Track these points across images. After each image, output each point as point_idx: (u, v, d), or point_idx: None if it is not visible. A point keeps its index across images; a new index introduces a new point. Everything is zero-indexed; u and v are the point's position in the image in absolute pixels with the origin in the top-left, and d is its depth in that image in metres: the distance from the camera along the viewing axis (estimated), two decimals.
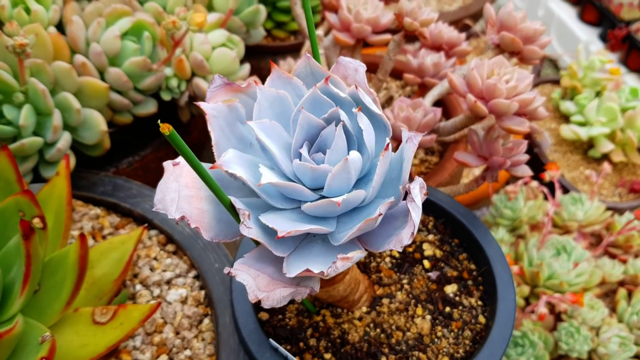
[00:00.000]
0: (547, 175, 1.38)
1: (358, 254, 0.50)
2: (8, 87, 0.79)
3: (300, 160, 0.52)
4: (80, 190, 0.92)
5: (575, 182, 1.62)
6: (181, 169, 0.56)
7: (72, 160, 0.88)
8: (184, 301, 0.81)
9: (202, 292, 0.83)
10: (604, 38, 2.05)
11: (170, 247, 0.88)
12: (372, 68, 1.27)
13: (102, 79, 0.92)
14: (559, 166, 1.67)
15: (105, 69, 0.91)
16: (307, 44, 1.09)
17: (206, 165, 0.56)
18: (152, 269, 0.84)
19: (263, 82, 0.58)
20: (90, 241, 0.86)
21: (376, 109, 0.53)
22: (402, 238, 0.50)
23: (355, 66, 0.58)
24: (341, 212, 0.54)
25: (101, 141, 0.90)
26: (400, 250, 0.50)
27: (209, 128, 0.55)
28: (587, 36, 2.07)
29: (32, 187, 0.86)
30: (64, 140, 0.84)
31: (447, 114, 1.16)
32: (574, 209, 1.40)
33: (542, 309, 1.17)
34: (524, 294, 1.29)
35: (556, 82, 1.90)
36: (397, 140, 0.85)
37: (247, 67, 1.07)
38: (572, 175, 1.65)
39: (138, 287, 0.82)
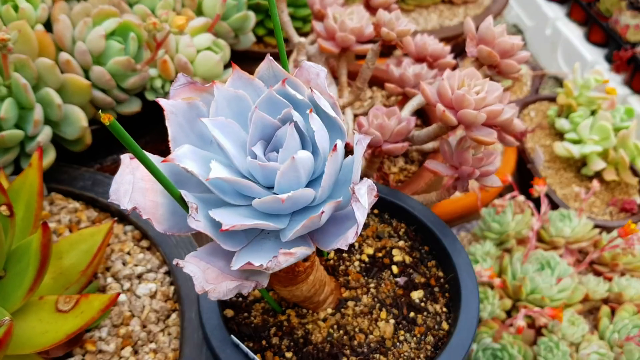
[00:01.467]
0: (535, 191, 1.39)
1: (303, 251, 0.51)
2: None
3: (252, 158, 0.54)
4: (60, 184, 0.94)
5: (567, 199, 1.62)
6: (138, 162, 0.57)
7: (52, 155, 0.90)
8: (153, 296, 0.83)
9: (172, 288, 0.84)
10: (609, 59, 2.05)
11: (144, 243, 0.90)
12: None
13: (87, 77, 0.95)
14: (552, 182, 1.67)
15: (89, 67, 0.94)
16: (295, 52, 1.11)
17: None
18: (124, 263, 0.86)
19: None
20: (67, 234, 0.88)
21: (331, 112, 0.54)
22: (348, 237, 0.52)
23: (317, 71, 0.59)
24: (291, 210, 0.55)
25: (82, 137, 0.92)
26: (346, 248, 0.52)
27: (167, 124, 0.56)
28: (593, 56, 2.08)
29: (12, 179, 0.88)
30: (44, 134, 0.86)
31: (426, 124, 1.17)
32: (562, 225, 1.40)
33: (521, 322, 1.17)
34: (506, 307, 1.29)
35: (553, 100, 1.91)
36: (371, 147, 0.87)
37: (230, 71, 1.08)
38: (564, 192, 1.65)
39: (109, 279, 0.83)
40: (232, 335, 0.73)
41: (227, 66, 1.11)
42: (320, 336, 0.76)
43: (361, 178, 0.54)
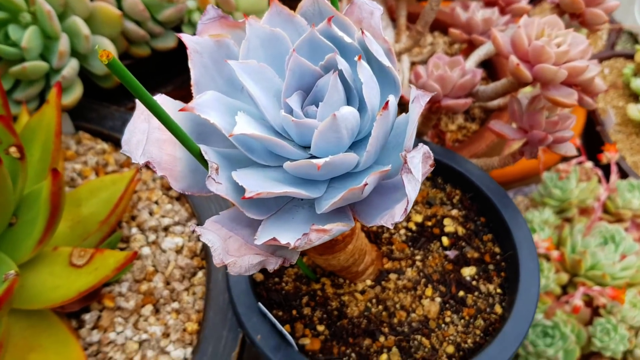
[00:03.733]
0: (605, 157, 1.26)
1: (339, 227, 0.43)
2: (14, 5, 0.74)
3: (286, 112, 0.45)
4: (89, 122, 0.88)
5: (637, 167, 1.48)
6: None
7: (79, 90, 0.83)
8: (179, 251, 0.76)
9: (200, 244, 0.78)
10: None
11: (173, 193, 0.83)
12: None
13: (119, 6, 0.86)
14: (622, 148, 1.53)
15: None
16: None
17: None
18: (151, 213, 0.80)
19: None
20: (93, 177, 0.83)
21: (385, 60, 0.45)
22: (395, 214, 0.43)
23: (371, 9, 0.49)
24: (329, 177, 0.47)
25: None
26: (392, 227, 0.43)
27: (189, 65, 0.48)
28: None
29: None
30: (70, 67, 0.79)
31: (493, 78, 1.05)
32: (630, 196, 1.28)
33: (578, 301, 1.08)
34: (562, 281, 1.19)
35: (630, 57, 1.73)
36: (428, 101, 0.76)
37: None
38: (635, 159, 1.51)
39: (134, 230, 0.77)
40: (259, 303, 0.66)
41: None
42: (357, 310, 0.69)
43: (415, 137, 0.44)
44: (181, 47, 0.99)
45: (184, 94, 1.05)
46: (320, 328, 0.67)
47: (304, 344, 0.66)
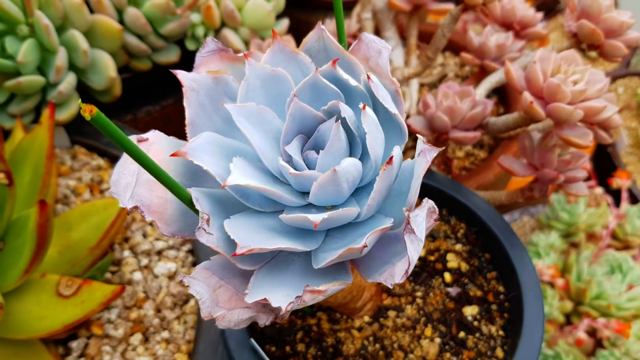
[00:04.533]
0: (615, 183, 1.23)
1: (335, 287, 0.41)
2: (11, 17, 0.72)
3: (283, 159, 0.43)
4: (85, 137, 0.85)
5: None
6: (148, 146, 0.47)
7: (76, 106, 0.81)
8: (171, 277, 0.74)
9: (193, 270, 0.75)
10: None
11: None
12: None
13: (121, 20, 0.84)
14: (633, 171, 1.50)
15: (124, 8, 0.83)
16: (359, 5, 0.97)
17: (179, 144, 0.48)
18: (144, 235, 0.77)
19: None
20: (87, 194, 0.80)
21: (392, 107, 0.42)
22: (395, 273, 0.41)
23: (380, 47, 0.47)
24: (328, 228, 0.44)
25: (110, 87, 0.83)
26: (391, 287, 0.40)
27: (185, 103, 0.46)
28: None
29: (31, 128, 0.80)
30: (67, 82, 0.77)
31: (505, 105, 1.02)
32: (639, 222, 1.25)
33: (581, 334, 1.05)
34: (565, 309, 1.17)
35: None
36: (436, 133, 0.73)
37: (285, 22, 0.96)
38: None
39: (126, 253, 0.75)
40: (252, 339, 0.64)
41: (280, 16, 0.98)
42: (353, 348, 0.66)
43: None
44: (184, 60, 0.97)
45: (183, 108, 1.03)
46: None
47: None
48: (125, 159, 0.45)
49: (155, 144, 0.47)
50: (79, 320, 0.56)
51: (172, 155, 0.41)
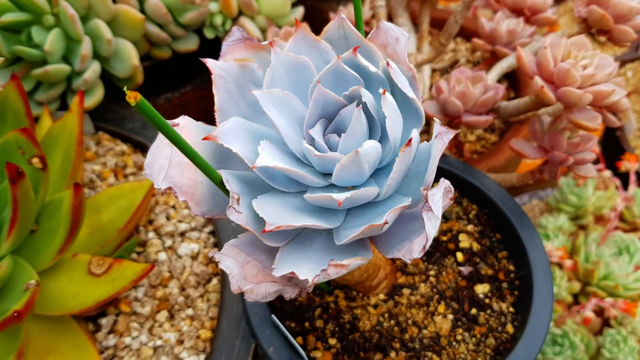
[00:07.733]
0: (624, 166, 1.25)
1: (357, 261, 0.43)
2: (37, 8, 0.75)
3: (307, 142, 0.45)
4: (108, 123, 0.88)
5: None
6: (179, 131, 0.49)
7: (100, 93, 0.84)
8: (194, 257, 0.77)
9: (215, 250, 0.78)
10: None
11: None
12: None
13: (142, 9, 0.86)
14: None
15: None
16: None
17: (207, 129, 0.50)
18: (168, 218, 0.80)
19: (321, 28, 0.51)
20: (112, 179, 0.83)
21: (409, 91, 0.44)
22: (413, 249, 0.43)
23: (397, 35, 0.49)
24: (349, 207, 0.47)
25: (133, 75, 0.85)
26: (409, 262, 0.43)
27: (214, 90, 0.48)
28: None
29: (57, 114, 0.82)
30: (92, 70, 0.80)
31: (516, 89, 1.04)
32: None
33: (589, 313, 1.08)
34: (573, 290, 1.19)
35: None
36: (449, 117, 0.76)
37: (300, 10, 0.98)
38: None
39: (151, 234, 0.78)
40: (273, 315, 0.67)
41: (295, 4, 1.00)
42: (369, 324, 0.69)
43: None
44: (202, 49, 0.99)
45: (203, 94, 1.05)
46: (332, 341, 0.68)
47: (316, 357, 0.66)
48: (158, 144, 0.47)
49: (186, 128, 0.49)
50: (110, 297, 0.60)
51: (204, 139, 0.44)
